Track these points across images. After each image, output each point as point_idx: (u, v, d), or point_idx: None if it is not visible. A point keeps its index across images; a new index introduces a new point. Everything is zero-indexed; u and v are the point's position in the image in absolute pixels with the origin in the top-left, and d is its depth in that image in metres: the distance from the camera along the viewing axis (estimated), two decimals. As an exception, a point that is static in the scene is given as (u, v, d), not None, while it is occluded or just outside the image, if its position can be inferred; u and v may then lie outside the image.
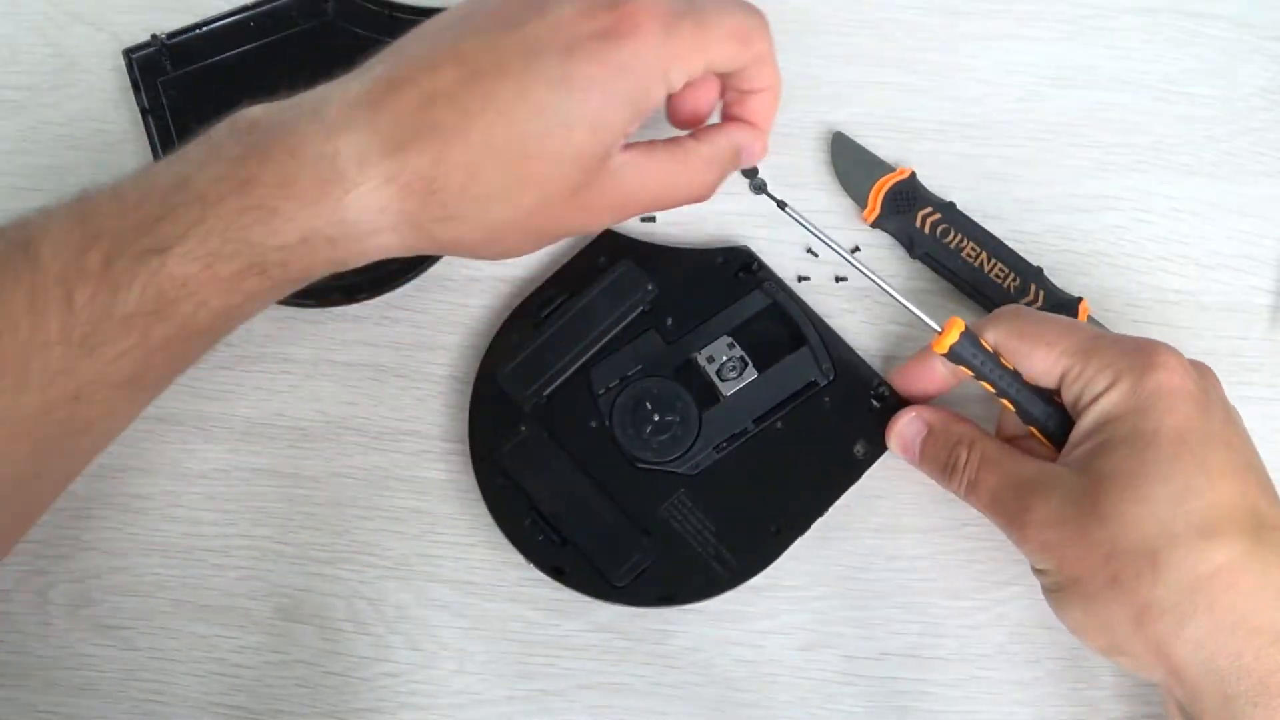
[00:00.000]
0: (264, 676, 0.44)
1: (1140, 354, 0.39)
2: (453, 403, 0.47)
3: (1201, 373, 0.40)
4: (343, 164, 0.36)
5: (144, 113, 0.49)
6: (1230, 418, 0.40)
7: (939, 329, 0.42)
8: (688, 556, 0.43)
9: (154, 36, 0.50)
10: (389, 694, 0.44)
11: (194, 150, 0.38)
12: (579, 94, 0.37)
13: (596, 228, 0.45)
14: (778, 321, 0.47)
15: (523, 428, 0.44)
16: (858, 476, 0.45)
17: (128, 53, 0.50)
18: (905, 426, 0.44)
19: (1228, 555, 0.36)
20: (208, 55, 0.50)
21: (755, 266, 0.47)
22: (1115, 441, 0.38)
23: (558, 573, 0.43)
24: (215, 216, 0.36)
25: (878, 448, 0.45)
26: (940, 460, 0.43)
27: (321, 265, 0.38)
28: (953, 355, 0.41)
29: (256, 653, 0.44)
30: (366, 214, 0.37)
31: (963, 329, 0.41)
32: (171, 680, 0.43)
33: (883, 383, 0.46)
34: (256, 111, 0.38)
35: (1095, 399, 0.39)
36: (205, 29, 0.50)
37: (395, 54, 0.39)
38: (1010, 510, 0.40)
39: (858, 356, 0.47)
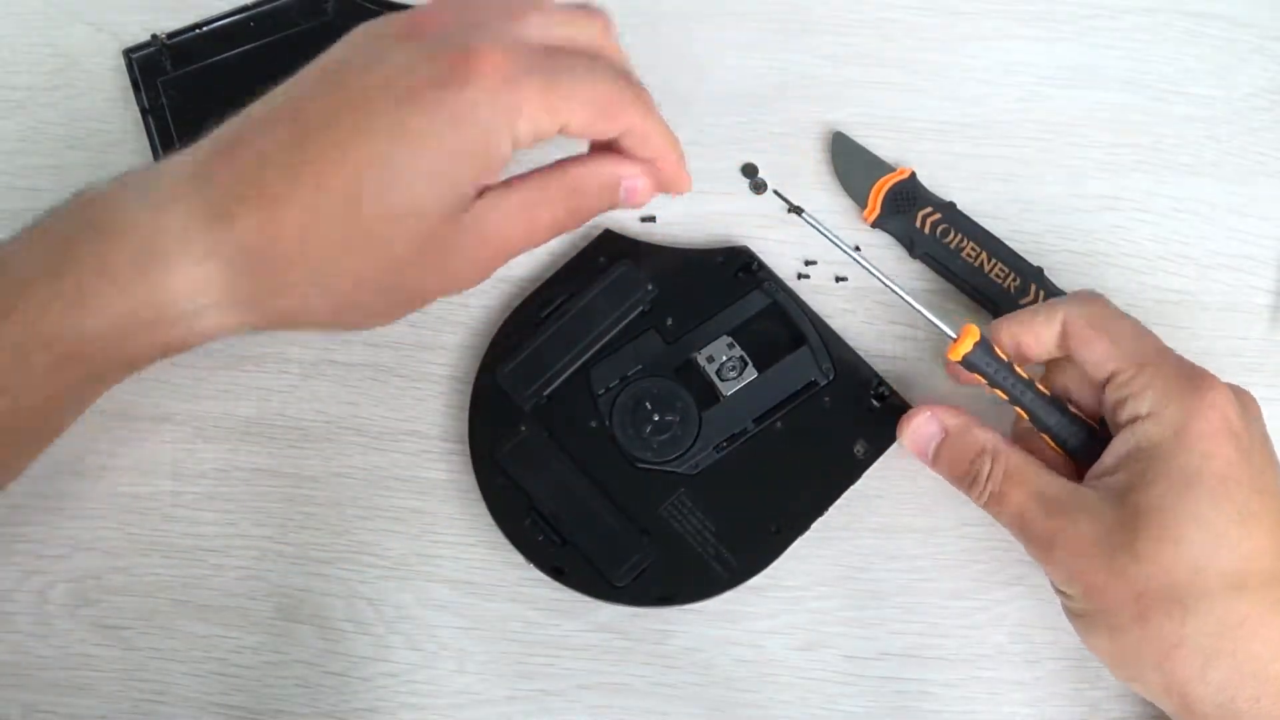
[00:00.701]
0: (264, 676, 0.44)
1: (1192, 386, 0.38)
2: (453, 403, 0.47)
3: (1245, 405, 0.39)
4: (162, 241, 0.34)
5: (144, 113, 0.49)
6: (1270, 458, 0.39)
7: (954, 335, 0.41)
8: (688, 556, 0.43)
9: (154, 36, 0.50)
10: (389, 694, 0.44)
11: (29, 230, 0.36)
12: (415, 146, 0.35)
13: (461, 288, 0.40)
14: (777, 321, 0.47)
15: (523, 428, 0.44)
16: (858, 476, 0.45)
17: (128, 53, 0.50)
18: (920, 426, 0.43)
19: (1255, 607, 0.36)
20: (208, 55, 0.50)
21: (755, 266, 0.47)
22: (1155, 475, 0.37)
23: (558, 573, 0.43)
24: (24, 305, 0.34)
25: (878, 447, 0.45)
26: (959, 469, 0.42)
27: (148, 350, 0.36)
28: (967, 363, 0.41)
29: (256, 653, 0.44)
30: (186, 294, 0.34)
31: (977, 338, 0.41)
32: (171, 680, 0.43)
33: (882, 382, 0.46)
34: (99, 185, 0.36)
35: (1137, 419, 0.39)
36: (205, 29, 0.50)
37: (240, 116, 0.37)
38: (1037, 531, 0.39)
39: (858, 356, 0.47)
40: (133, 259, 0.34)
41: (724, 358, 0.46)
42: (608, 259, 0.47)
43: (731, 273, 0.47)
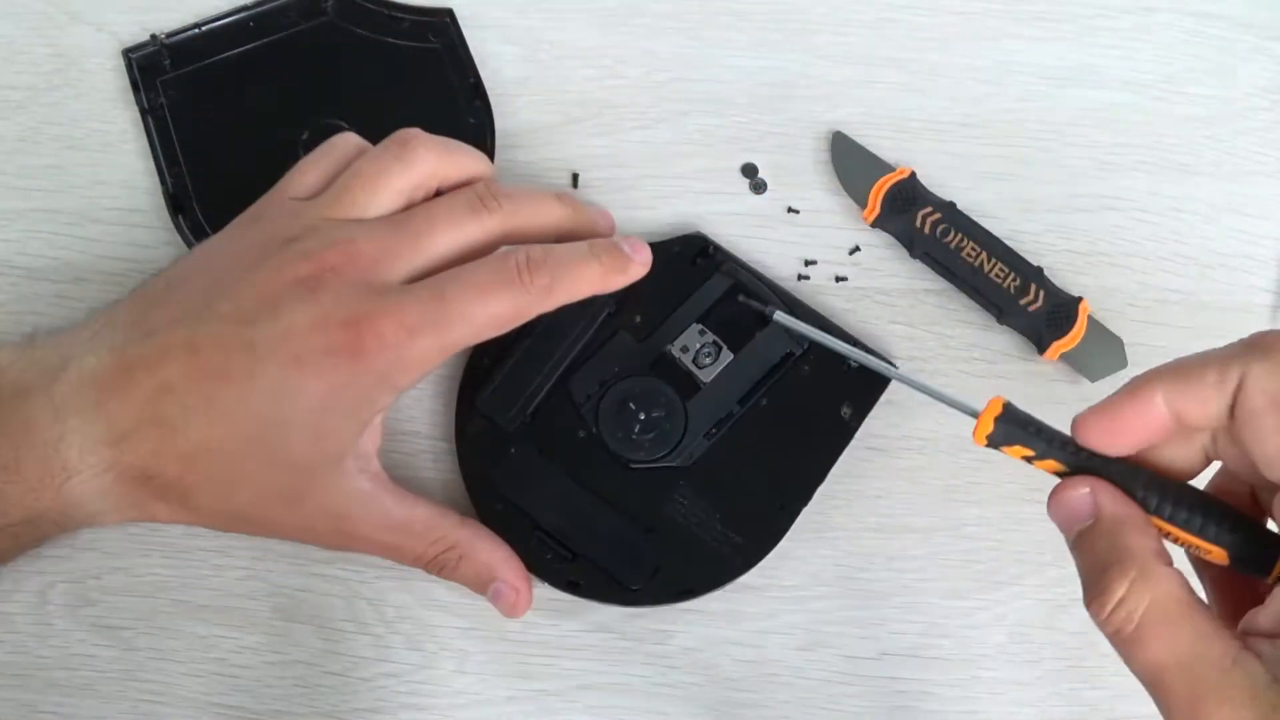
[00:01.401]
0: (263, 676, 0.44)
1: None
2: (450, 403, 0.46)
3: None
4: (65, 450, 0.37)
5: (144, 113, 0.49)
6: None
7: (975, 413, 0.33)
8: (698, 547, 0.43)
9: (154, 36, 0.50)
10: (389, 694, 0.44)
11: None
12: (301, 405, 0.37)
13: (315, 542, 0.42)
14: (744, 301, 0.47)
15: (512, 450, 0.44)
16: (849, 438, 0.45)
17: (127, 53, 0.50)
18: (1071, 502, 0.32)
19: None
20: (207, 55, 0.50)
21: (711, 250, 0.47)
22: None
23: (573, 586, 0.43)
24: None
25: (864, 407, 0.45)
26: (1093, 572, 0.31)
27: (56, 534, 0.40)
28: (996, 444, 0.33)
29: (256, 653, 0.44)
30: (88, 498, 0.38)
31: (999, 412, 0.32)
32: (171, 680, 0.43)
33: (856, 342, 0.46)
34: (3, 359, 0.39)
35: None
36: (205, 29, 0.50)
37: (139, 317, 0.39)
38: (1176, 703, 0.29)
39: (827, 320, 0.47)
40: (41, 466, 0.37)
41: (698, 345, 0.46)
42: None
43: (689, 260, 0.47)
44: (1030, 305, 0.48)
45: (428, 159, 0.42)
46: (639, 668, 0.44)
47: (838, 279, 0.49)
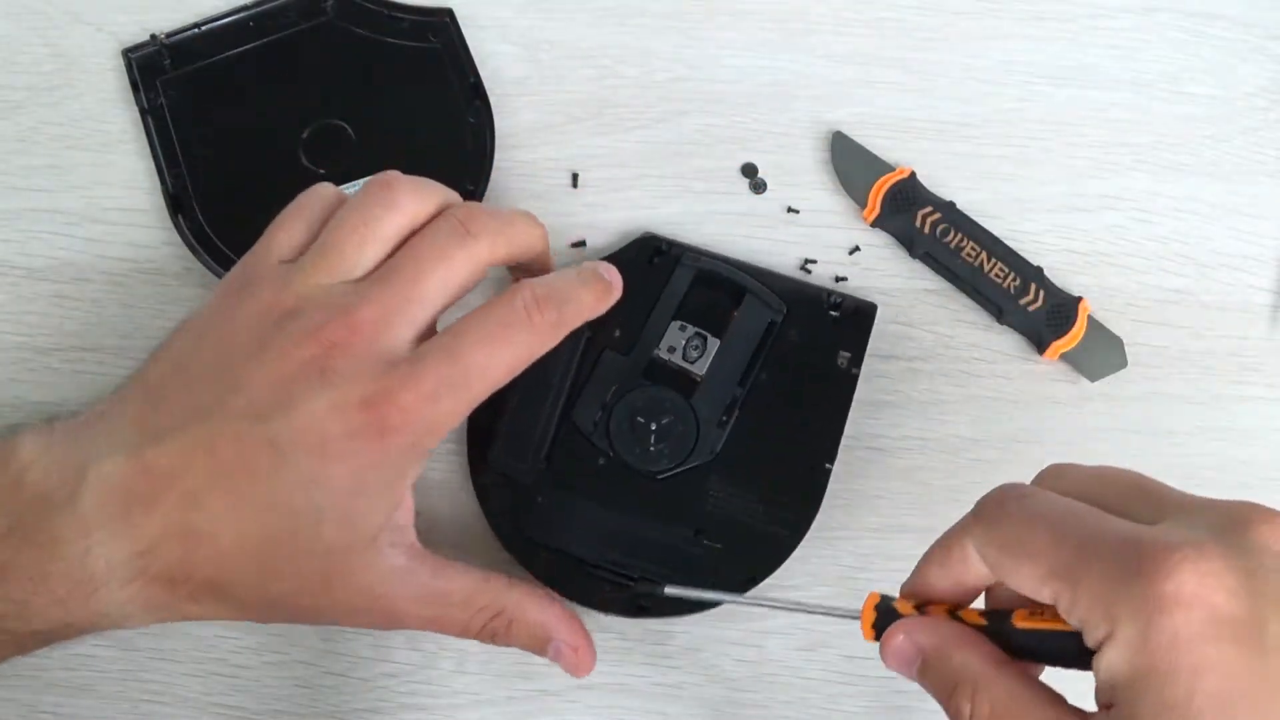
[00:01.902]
0: (264, 677, 0.44)
1: (1141, 575, 0.27)
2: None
3: (1249, 569, 0.27)
4: (92, 563, 0.36)
5: (143, 113, 0.49)
6: None
7: (857, 614, 0.34)
8: (748, 533, 0.43)
9: (153, 36, 0.50)
10: (389, 694, 0.44)
11: None
12: (330, 492, 0.36)
13: (359, 624, 0.41)
14: (712, 286, 0.47)
15: (539, 499, 0.44)
16: (855, 384, 0.45)
17: (127, 53, 0.50)
18: (897, 651, 0.33)
19: None
20: (207, 55, 0.50)
21: (665, 246, 0.47)
22: (1142, 717, 0.27)
23: (642, 610, 0.43)
24: None
25: (858, 351, 0.46)
26: (942, 699, 0.32)
27: (79, 637, 0.39)
28: (881, 632, 0.34)
29: (256, 653, 0.44)
30: (115, 605, 0.37)
31: (877, 601, 0.34)
32: (171, 680, 0.43)
33: (832, 293, 0.47)
34: (25, 455, 0.38)
35: (1100, 647, 0.28)
36: (205, 29, 0.50)
37: (149, 411, 0.38)
38: None
39: (798, 281, 0.47)
40: (68, 579, 0.36)
41: (682, 341, 0.46)
42: None
43: (647, 261, 0.47)
44: (1030, 305, 0.48)
45: (411, 200, 0.40)
46: (639, 668, 0.44)
47: (837, 279, 0.49)
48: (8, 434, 0.39)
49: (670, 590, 0.40)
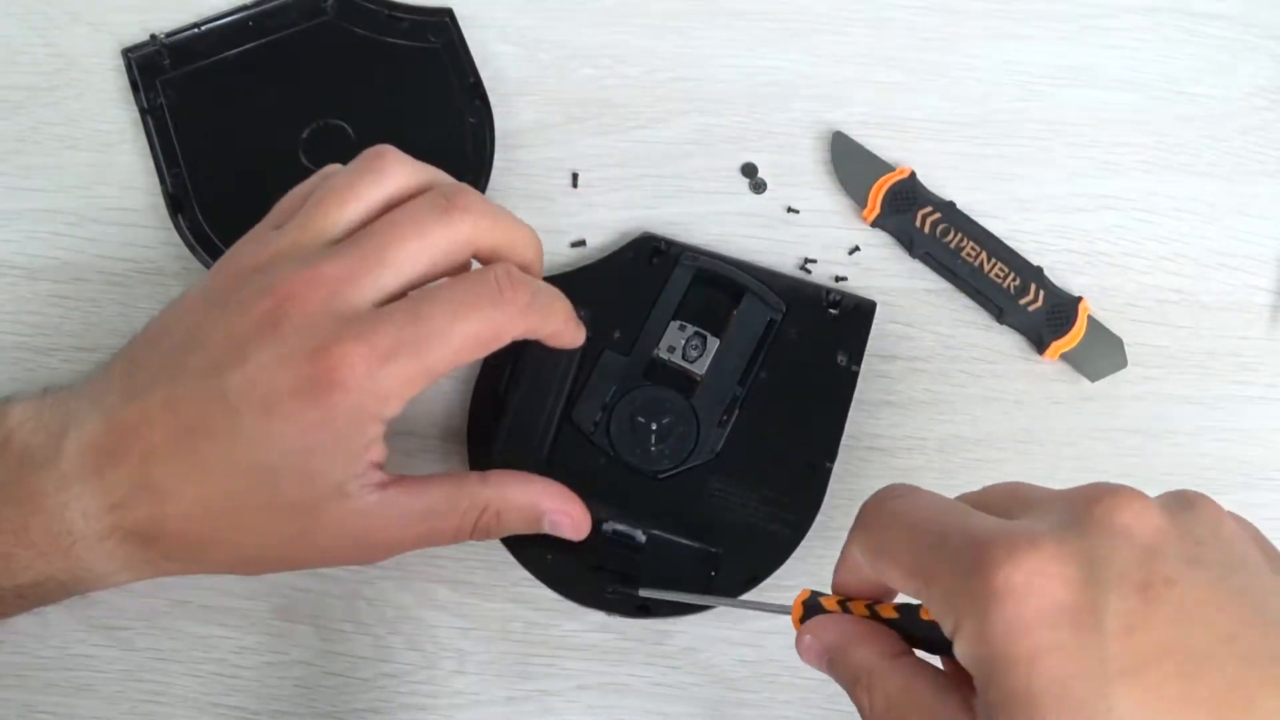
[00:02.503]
0: (263, 677, 0.44)
1: (976, 569, 0.27)
2: (451, 401, 0.46)
3: (1087, 552, 0.27)
4: (69, 516, 0.37)
5: (143, 113, 0.49)
6: (1146, 615, 0.26)
7: (788, 609, 0.35)
8: (749, 532, 0.43)
9: (153, 36, 0.50)
10: (388, 694, 0.44)
11: None
12: (282, 451, 0.36)
13: (345, 563, 0.42)
14: (711, 285, 0.47)
15: None
16: (854, 383, 0.45)
17: (127, 53, 0.50)
18: (806, 648, 0.34)
19: None
20: (207, 55, 0.50)
21: (664, 246, 0.47)
22: (994, 709, 0.27)
23: (644, 610, 0.43)
24: None
25: (857, 349, 0.46)
26: (847, 691, 0.32)
27: (61, 597, 0.40)
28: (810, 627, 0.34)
29: (256, 653, 0.44)
30: (95, 561, 0.38)
31: (805, 598, 0.35)
32: (171, 680, 0.43)
33: (830, 290, 0.47)
34: (13, 419, 0.38)
35: (953, 640, 0.28)
36: (204, 28, 0.50)
37: (129, 374, 0.38)
38: None
39: (796, 280, 0.47)
40: (47, 532, 0.37)
41: (682, 341, 0.46)
42: None
43: (646, 261, 0.47)
44: (1030, 305, 0.48)
45: (400, 172, 0.40)
46: (639, 668, 0.44)
47: (837, 279, 0.49)
48: (1, 401, 0.40)
49: (645, 593, 0.41)
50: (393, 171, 0.40)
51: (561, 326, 0.41)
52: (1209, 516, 0.28)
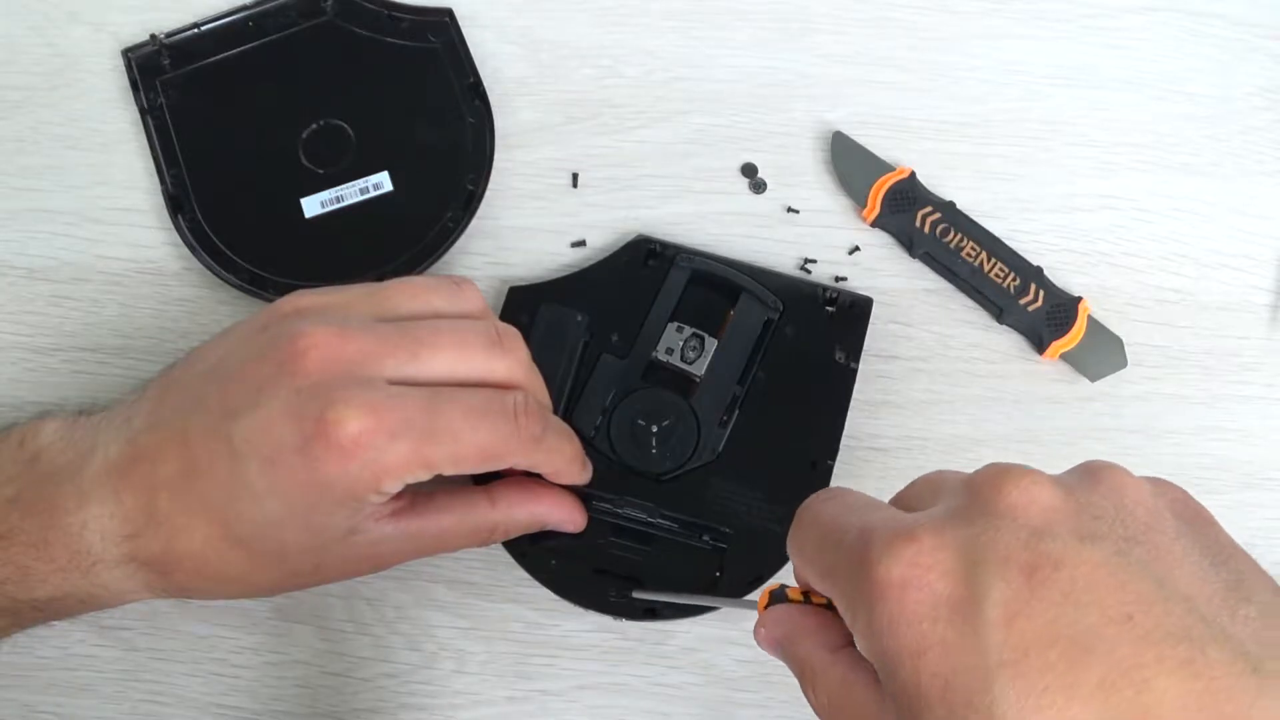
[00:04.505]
0: (263, 677, 0.44)
1: (862, 565, 0.27)
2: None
3: (969, 540, 0.26)
4: (89, 537, 0.37)
5: (143, 113, 0.49)
6: (1030, 601, 0.24)
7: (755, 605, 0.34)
8: (752, 532, 0.43)
9: (153, 36, 0.50)
10: (388, 694, 0.44)
11: None
12: (284, 503, 0.36)
13: (359, 577, 0.43)
14: (708, 285, 0.47)
15: None
16: (853, 379, 0.45)
17: (127, 53, 0.50)
18: (761, 640, 0.34)
19: None
20: (207, 55, 0.50)
21: (659, 248, 0.47)
22: (898, 706, 0.26)
23: (650, 614, 0.43)
24: None
25: (855, 345, 0.46)
26: (799, 683, 0.32)
27: (79, 612, 0.40)
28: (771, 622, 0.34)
29: (256, 653, 0.44)
30: (113, 582, 0.38)
31: (774, 589, 0.34)
32: (171, 680, 0.43)
33: (827, 289, 0.47)
34: (45, 438, 0.39)
35: (855, 642, 0.28)
36: (204, 28, 0.50)
37: (159, 401, 0.39)
38: None
39: (793, 279, 0.47)
40: (68, 547, 0.38)
41: (680, 343, 0.46)
42: (528, 314, 0.46)
43: (642, 263, 0.47)
44: (1030, 305, 0.48)
45: (473, 301, 0.40)
46: (639, 668, 0.44)
47: (837, 279, 0.49)
48: (37, 418, 0.40)
49: (638, 595, 0.42)
50: (468, 298, 0.40)
51: (565, 466, 0.41)
52: (1111, 486, 0.27)
